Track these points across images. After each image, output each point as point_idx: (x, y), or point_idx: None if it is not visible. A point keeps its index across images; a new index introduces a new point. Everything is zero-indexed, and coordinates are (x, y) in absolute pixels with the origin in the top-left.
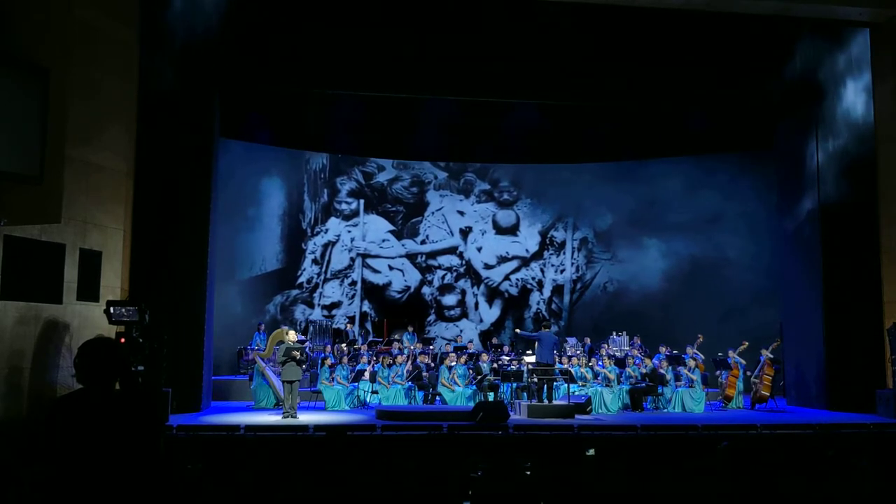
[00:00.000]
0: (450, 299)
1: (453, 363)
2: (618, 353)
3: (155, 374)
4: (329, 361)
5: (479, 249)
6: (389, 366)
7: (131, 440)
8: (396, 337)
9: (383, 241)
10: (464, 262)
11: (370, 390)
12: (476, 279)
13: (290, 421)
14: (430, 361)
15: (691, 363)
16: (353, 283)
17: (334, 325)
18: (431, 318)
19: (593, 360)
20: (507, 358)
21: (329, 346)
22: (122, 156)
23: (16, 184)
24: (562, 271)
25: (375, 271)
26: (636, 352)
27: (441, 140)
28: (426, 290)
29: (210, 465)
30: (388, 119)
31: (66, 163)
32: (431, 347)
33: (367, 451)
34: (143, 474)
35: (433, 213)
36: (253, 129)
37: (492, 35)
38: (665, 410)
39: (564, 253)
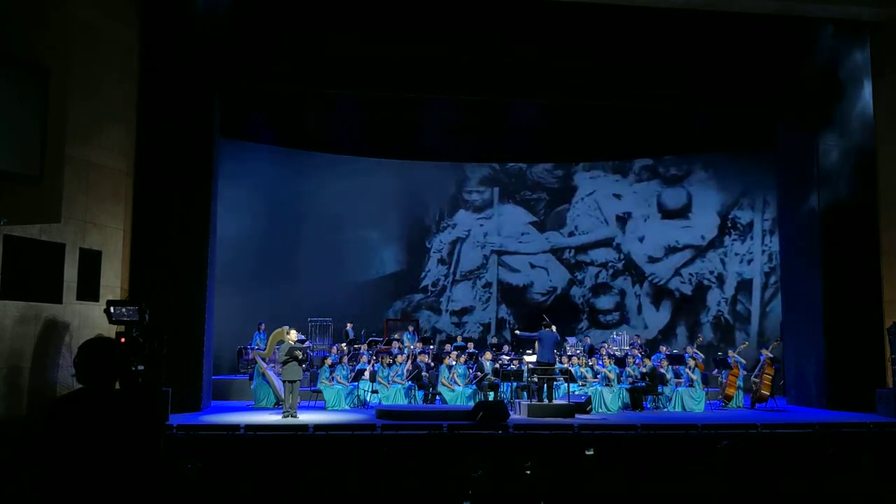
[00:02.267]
0: (605, 302)
1: (453, 362)
2: (618, 353)
3: (155, 374)
4: (329, 361)
5: (641, 239)
6: (389, 365)
7: (131, 440)
8: (396, 336)
9: (522, 234)
10: (622, 256)
11: (370, 390)
12: (638, 276)
13: (290, 421)
14: (430, 361)
15: (691, 363)
16: (488, 284)
17: (464, 334)
18: (583, 324)
19: (593, 359)
20: (508, 357)
21: (333, 346)
22: (122, 156)
23: (16, 184)
24: (749, 262)
25: (514, 270)
26: (636, 351)
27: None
28: (576, 290)
29: (210, 465)
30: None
31: (66, 162)
32: (432, 347)
33: (367, 450)
34: (143, 474)
35: (583, 198)
36: (257, 128)
37: (490, 35)
38: (665, 410)
39: (752, 238)
